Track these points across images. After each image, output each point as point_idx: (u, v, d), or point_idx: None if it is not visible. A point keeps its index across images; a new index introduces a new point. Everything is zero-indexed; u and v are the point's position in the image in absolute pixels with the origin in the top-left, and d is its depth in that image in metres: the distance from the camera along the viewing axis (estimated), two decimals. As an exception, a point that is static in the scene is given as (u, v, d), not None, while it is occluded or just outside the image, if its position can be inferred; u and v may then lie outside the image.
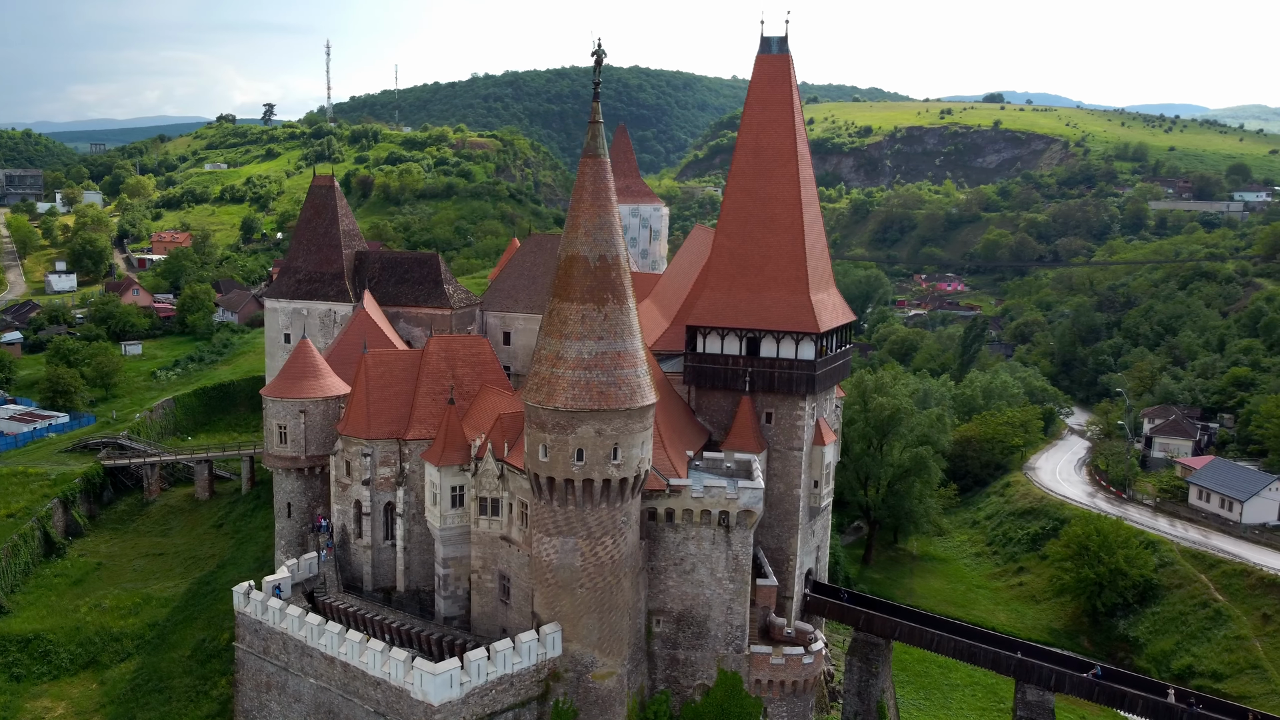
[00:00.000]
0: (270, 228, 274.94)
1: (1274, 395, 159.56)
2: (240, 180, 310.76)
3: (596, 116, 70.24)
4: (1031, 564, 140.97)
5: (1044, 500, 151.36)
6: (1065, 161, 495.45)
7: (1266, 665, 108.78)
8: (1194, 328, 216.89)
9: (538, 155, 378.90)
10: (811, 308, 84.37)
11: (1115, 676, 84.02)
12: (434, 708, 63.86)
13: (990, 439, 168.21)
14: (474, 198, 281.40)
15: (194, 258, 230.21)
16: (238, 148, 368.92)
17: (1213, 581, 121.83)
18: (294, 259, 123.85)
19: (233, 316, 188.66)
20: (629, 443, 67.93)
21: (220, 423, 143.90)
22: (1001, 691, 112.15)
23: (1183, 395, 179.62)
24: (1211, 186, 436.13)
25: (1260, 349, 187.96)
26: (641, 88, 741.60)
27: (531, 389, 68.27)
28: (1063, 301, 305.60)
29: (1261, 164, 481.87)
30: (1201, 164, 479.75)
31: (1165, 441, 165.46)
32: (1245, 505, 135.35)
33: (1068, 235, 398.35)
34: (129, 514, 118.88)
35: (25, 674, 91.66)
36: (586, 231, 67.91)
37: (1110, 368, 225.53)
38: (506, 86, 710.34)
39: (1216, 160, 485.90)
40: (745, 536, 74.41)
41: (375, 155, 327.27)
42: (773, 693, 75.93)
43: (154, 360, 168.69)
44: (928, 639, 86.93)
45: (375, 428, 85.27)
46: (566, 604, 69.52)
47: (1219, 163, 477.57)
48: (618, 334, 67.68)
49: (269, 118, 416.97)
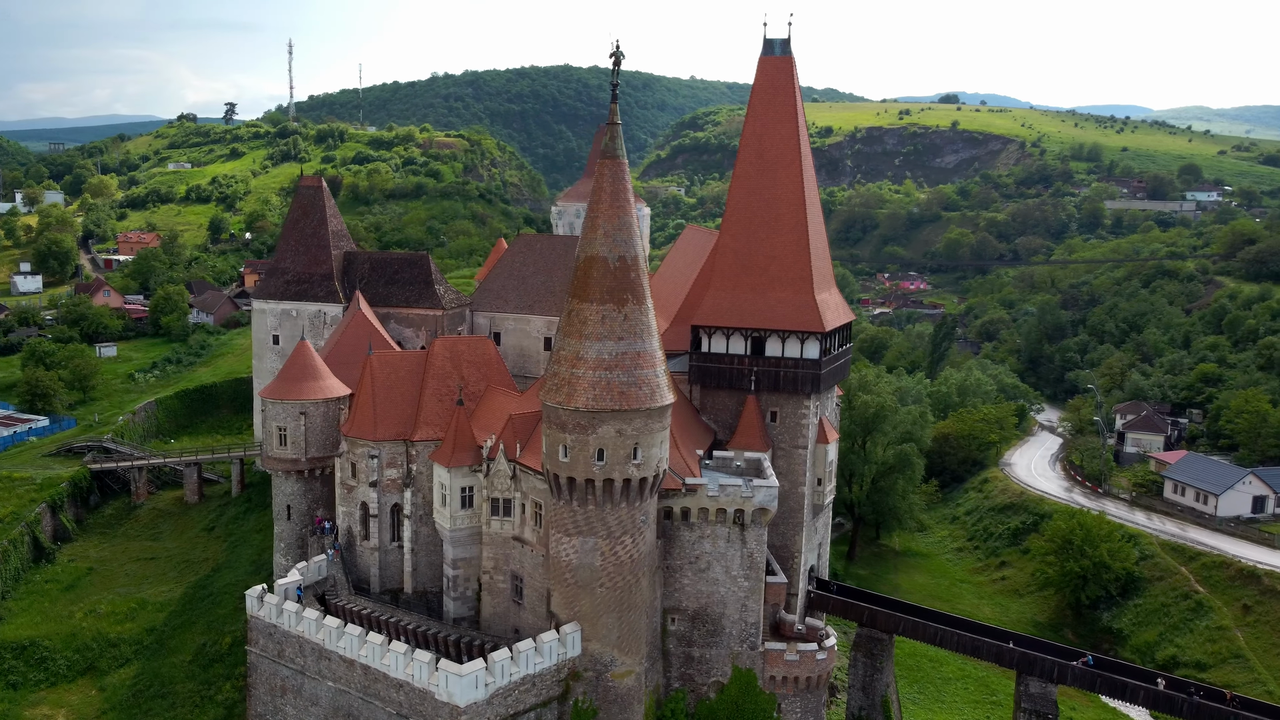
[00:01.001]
0: (238, 228, 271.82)
1: (1243, 391, 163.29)
2: (205, 180, 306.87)
3: (615, 118, 70.54)
4: (1013, 558, 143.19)
5: (1023, 495, 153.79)
6: (1022, 162, 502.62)
7: (1249, 655, 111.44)
8: (1158, 325, 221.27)
9: (504, 155, 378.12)
10: (816, 307, 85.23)
11: (1112, 667, 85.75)
12: (460, 709, 63.81)
13: (967, 435, 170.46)
14: (444, 198, 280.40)
15: (163, 258, 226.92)
16: (200, 147, 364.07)
17: (1193, 574, 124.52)
18: (281, 259, 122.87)
19: (208, 318, 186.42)
20: (649, 442, 68.34)
21: (202, 425, 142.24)
22: (993, 684, 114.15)
23: (1152, 391, 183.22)
24: (1164, 186, 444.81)
25: (1226, 346, 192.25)
26: (601, 88, 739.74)
27: (551, 389, 68.42)
28: (1025, 300, 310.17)
29: (1211, 164, 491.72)
30: (1154, 164, 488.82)
31: (1137, 437, 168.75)
32: (1220, 499, 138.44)
33: (1027, 234, 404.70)
34: (116, 518, 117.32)
35: (22, 681, 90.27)
36: (606, 233, 68.18)
37: (1077, 365, 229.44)
38: (467, 86, 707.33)
39: (1168, 160, 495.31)
40: (760, 534, 75.11)
41: (342, 155, 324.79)
42: (787, 689, 76.69)
43: (129, 362, 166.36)
44: (931, 633, 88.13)
45: (382, 429, 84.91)
46: (586, 603, 69.75)
47: (1170, 163, 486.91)
48: (638, 334, 68.05)
49: (230, 117, 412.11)
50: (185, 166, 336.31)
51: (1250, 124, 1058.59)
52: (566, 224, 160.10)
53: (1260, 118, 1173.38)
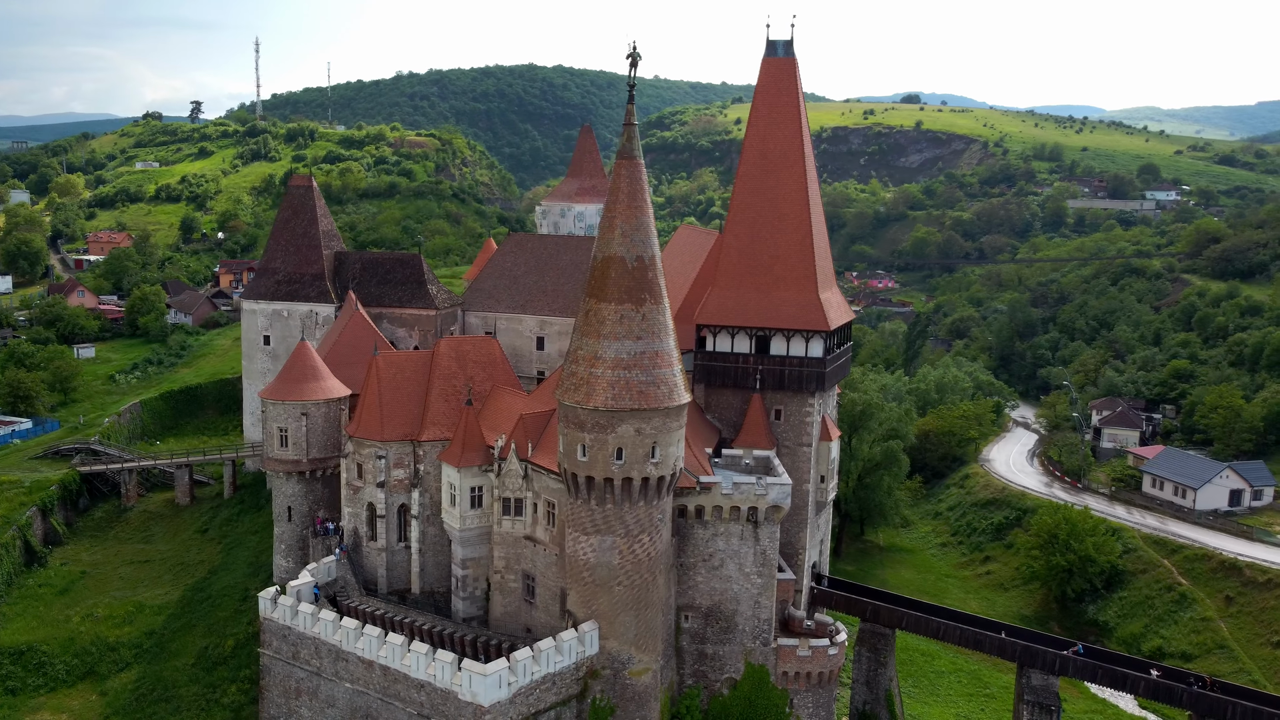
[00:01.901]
0: (210, 228, 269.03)
1: (1216, 387, 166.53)
2: (175, 179, 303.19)
3: (631, 119, 70.76)
4: (997, 553, 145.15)
5: (1005, 491, 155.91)
6: (985, 161, 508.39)
7: (1233, 645, 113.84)
8: (1128, 322, 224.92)
9: (474, 155, 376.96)
10: (821, 306, 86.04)
11: (1107, 657, 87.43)
12: (484, 709, 63.97)
13: (947, 432, 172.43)
14: (417, 197, 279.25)
15: (136, 258, 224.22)
16: (168, 146, 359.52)
17: (1175, 566, 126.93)
18: (271, 260, 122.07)
19: (186, 318, 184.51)
20: (666, 441, 68.85)
21: (187, 426, 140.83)
22: (985, 677, 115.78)
23: (1126, 388, 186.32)
24: (1125, 186, 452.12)
25: (1197, 343, 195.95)
26: (566, 87, 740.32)
27: (569, 389, 68.70)
28: (994, 298, 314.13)
29: (1168, 164, 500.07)
30: (1113, 164, 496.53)
31: (1114, 432, 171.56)
32: (1199, 492, 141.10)
33: (992, 233, 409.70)
34: (107, 521, 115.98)
35: (21, 687, 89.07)
36: (624, 233, 68.57)
37: (1048, 361, 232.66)
38: (432, 85, 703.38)
39: (1126, 160, 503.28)
40: (772, 531, 75.87)
41: (313, 154, 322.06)
42: (799, 684, 77.49)
43: (109, 364, 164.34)
44: (934, 628, 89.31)
45: (389, 430, 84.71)
46: (604, 602, 70.09)
47: (1129, 163, 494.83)
48: (656, 334, 68.53)
49: (196, 115, 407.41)
50: (153, 165, 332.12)
51: (1200, 124, 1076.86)
52: (551, 223, 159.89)
53: (1209, 118, 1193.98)
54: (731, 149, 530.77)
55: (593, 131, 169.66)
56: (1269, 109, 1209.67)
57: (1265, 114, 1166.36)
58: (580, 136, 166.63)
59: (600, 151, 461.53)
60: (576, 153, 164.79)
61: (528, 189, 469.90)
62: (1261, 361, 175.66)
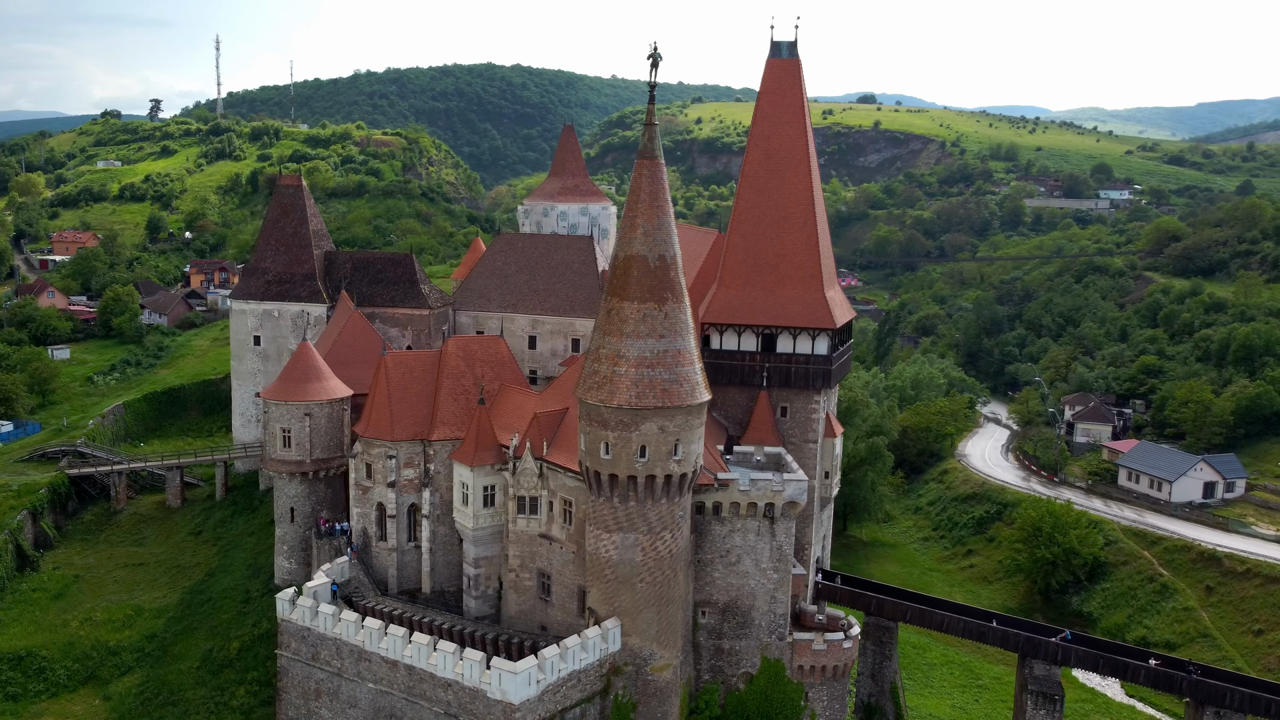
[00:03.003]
0: (177, 227, 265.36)
1: (1186, 382, 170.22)
2: (139, 178, 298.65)
3: (652, 119, 71.42)
4: (979, 546, 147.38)
5: (984, 485, 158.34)
6: (943, 161, 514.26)
7: (1215, 634, 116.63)
8: (1094, 319, 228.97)
9: (439, 154, 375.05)
10: (827, 304, 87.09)
11: (1116, 649, 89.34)
12: (514, 706, 64.23)
13: (924, 428, 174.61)
14: (387, 196, 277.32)
15: (104, 258, 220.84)
16: (129, 144, 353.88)
17: (1156, 557, 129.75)
18: (261, 260, 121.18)
19: (161, 319, 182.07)
20: (689, 438, 69.53)
21: (171, 428, 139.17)
22: (977, 669, 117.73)
23: (1097, 383, 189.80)
24: (1079, 185, 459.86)
25: (1164, 339, 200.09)
26: (525, 86, 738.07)
27: (592, 387, 69.06)
28: (957, 295, 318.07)
29: (1120, 164, 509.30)
30: (1066, 163, 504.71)
31: (1087, 427, 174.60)
32: (1174, 485, 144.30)
33: (952, 231, 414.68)
34: (97, 524, 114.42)
35: (22, 692, 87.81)
36: (645, 232, 69.07)
37: (1016, 358, 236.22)
38: (391, 84, 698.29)
39: (1080, 160, 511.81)
40: (789, 527, 76.76)
41: (278, 153, 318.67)
42: (814, 678, 78.46)
43: (84, 365, 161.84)
44: (937, 620, 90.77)
45: (399, 430, 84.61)
46: (626, 599, 70.58)
47: (1082, 162, 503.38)
48: (678, 332, 69.14)
49: (155, 113, 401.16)
50: (115, 164, 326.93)
51: (1143, 124, 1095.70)
52: (533, 223, 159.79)
53: (1152, 119, 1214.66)
54: (693, 148, 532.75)
55: (574, 131, 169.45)
56: (1208, 109, 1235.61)
57: (1205, 114, 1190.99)
58: (562, 136, 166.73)
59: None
60: (559, 152, 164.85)
61: (489, 188, 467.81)
62: (1228, 357, 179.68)
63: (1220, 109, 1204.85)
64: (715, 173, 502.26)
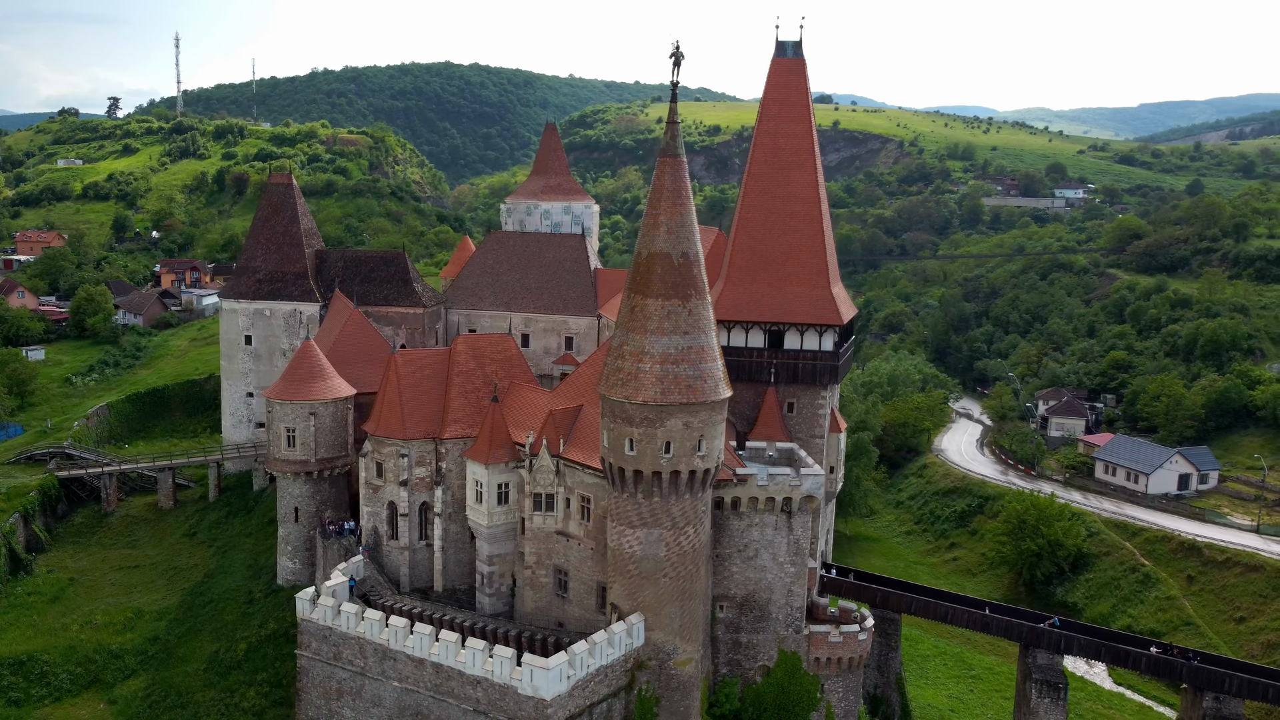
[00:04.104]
0: (144, 226, 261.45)
1: (1158, 376, 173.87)
2: (102, 177, 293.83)
3: (674, 117, 71.86)
4: (962, 540, 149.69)
5: (965, 480, 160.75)
6: (901, 160, 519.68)
7: (1198, 621, 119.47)
8: (1061, 316, 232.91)
9: (405, 152, 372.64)
10: (834, 300, 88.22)
11: (1117, 637, 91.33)
12: (546, 702, 64.42)
13: (902, 424, 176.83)
14: (356, 195, 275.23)
15: (71, 258, 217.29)
16: (89, 143, 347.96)
17: (1137, 548, 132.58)
18: (251, 259, 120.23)
19: (136, 319, 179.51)
20: (712, 434, 70.07)
21: (155, 429, 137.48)
22: (969, 659, 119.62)
23: (1069, 378, 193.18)
24: (1035, 184, 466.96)
25: (1132, 334, 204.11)
26: (483, 85, 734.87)
27: (615, 384, 69.36)
28: (922, 293, 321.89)
29: (1073, 163, 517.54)
30: (1021, 163, 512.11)
31: (1061, 421, 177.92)
32: (1150, 477, 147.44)
33: (913, 230, 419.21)
34: (88, 527, 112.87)
35: (24, 698, 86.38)
36: (669, 229, 69.52)
37: (985, 354, 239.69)
38: (349, 82, 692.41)
39: (1033, 159, 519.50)
40: (805, 521, 77.58)
41: (244, 151, 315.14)
42: (829, 670, 79.43)
43: (61, 366, 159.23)
44: (942, 611, 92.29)
45: (411, 428, 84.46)
46: (650, 594, 71.00)
47: (1036, 161, 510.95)
48: (701, 329, 69.66)
49: (114, 111, 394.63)
50: (76, 163, 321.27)
51: (1087, 124, 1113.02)
52: (516, 221, 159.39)
53: (1096, 119, 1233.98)
54: (654, 148, 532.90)
55: (556, 130, 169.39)
56: (1150, 110, 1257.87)
57: (1147, 115, 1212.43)
58: (545, 135, 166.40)
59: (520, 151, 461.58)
60: (541, 151, 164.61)
61: (452, 187, 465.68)
62: (1196, 351, 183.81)
63: (1162, 110, 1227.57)
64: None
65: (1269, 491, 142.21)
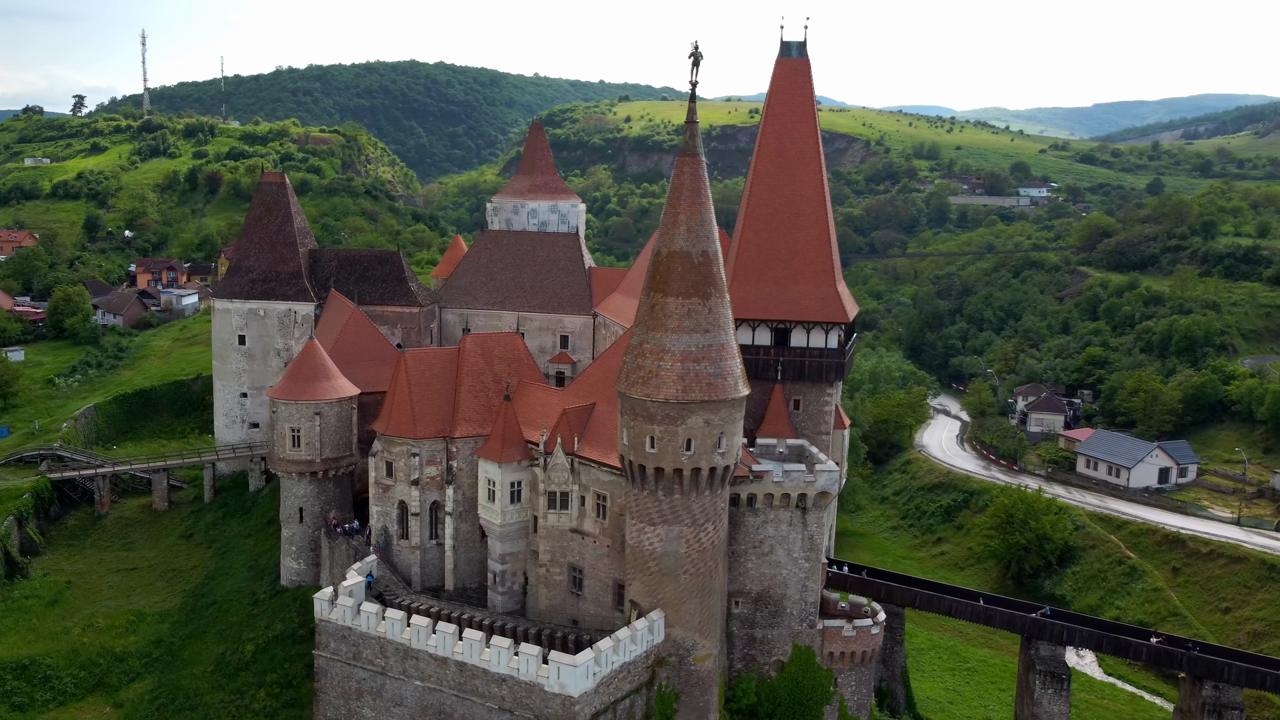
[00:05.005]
0: (116, 226, 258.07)
1: (1136, 372, 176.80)
2: (71, 175, 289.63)
3: (693, 116, 72.10)
4: (949, 534, 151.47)
5: (949, 475, 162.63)
6: (868, 159, 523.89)
7: (1185, 613, 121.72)
8: (1035, 313, 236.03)
9: (376, 151, 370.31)
10: (840, 299, 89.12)
11: (1117, 628, 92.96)
12: (574, 699, 64.72)
13: (885, 420, 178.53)
14: (331, 194, 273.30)
15: (44, 257, 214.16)
16: (56, 141, 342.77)
17: (1123, 541, 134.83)
18: (244, 258, 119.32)
19: (116, 319, 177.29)
20: (731, 431, 70.63)
21: (143, 430, 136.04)
22: (962, 652, 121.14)
23: (1046, 374, 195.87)
24: (1000, 183, 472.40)
25: (1107, 331, 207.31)
26: (450, 84, 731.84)
27: (635, 382, 69.72)
28: (893, 290, 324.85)
29: (1035, 162, 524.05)
30: (986, 162, 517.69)
31: (1040, 416, 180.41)
32: (1132, 471, 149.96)
33: (881, 228, 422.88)
34: (81, 529, 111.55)
35: (28, 702, 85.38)
36: (689, 229, 69.92)
37: (959, 351, 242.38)
38: (314, 81, 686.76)
39: (997, 159, 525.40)
40: (819, 517, 78.39)
41: (215, 150, 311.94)
42: (842, 664, 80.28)
43: (41, 367, 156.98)
44: (946, 605, 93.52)
45: (422, 427, 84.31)
46: (670, 591, 71.47)
47: (1000, 161, 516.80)
48: (721, 327, 70.17)
49: (78, 109, 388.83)
50: (44, 162, 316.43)
51: (1043, 124, 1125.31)
52: (503, 220, 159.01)
53: (1051, 119, 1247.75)
54: (623, 146, 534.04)
55: (542, 129, 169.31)
56: (1104, 110, 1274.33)
57: (1101, 115, 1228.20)
58: (531, 134, 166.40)
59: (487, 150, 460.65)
60: (527, 149, 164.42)
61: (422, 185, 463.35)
62: (1170, 348, 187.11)
63: (1115, 109, 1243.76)
64: (647, 170, 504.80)
65: (1248, 484, 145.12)
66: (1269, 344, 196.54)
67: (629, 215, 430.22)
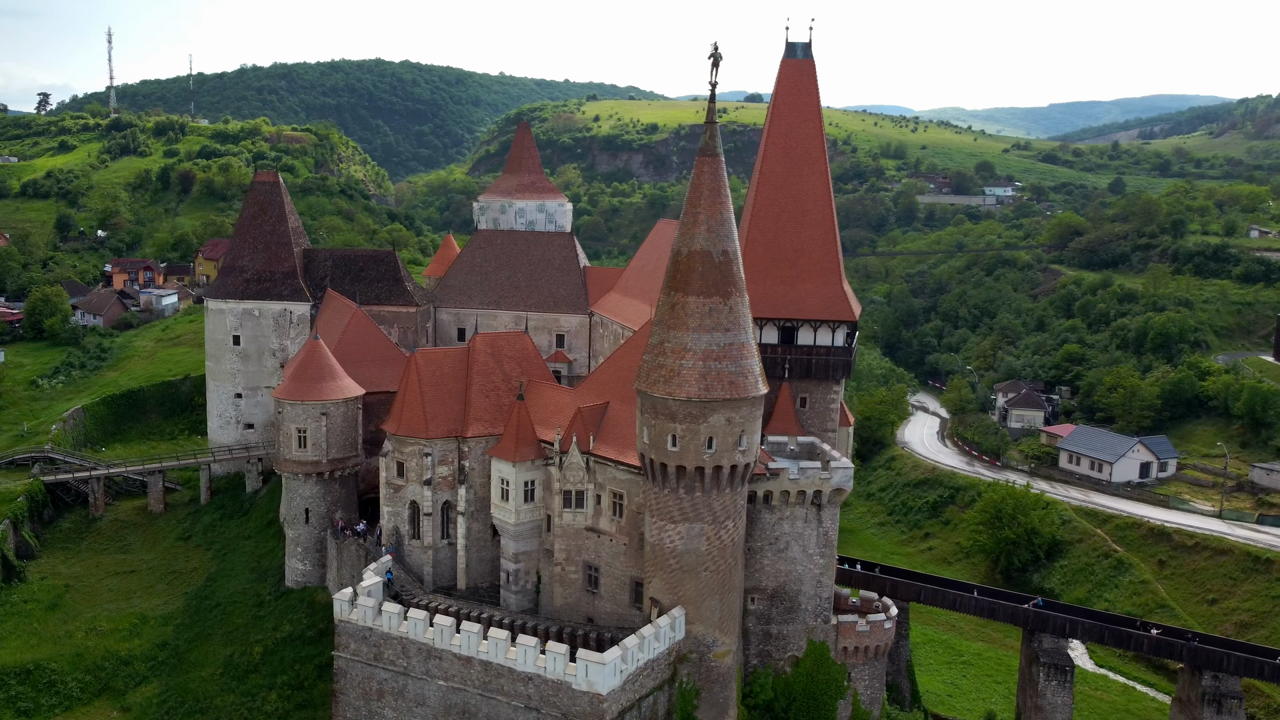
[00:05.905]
0: (88, 225, 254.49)
1: (1114, 368, 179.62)
2: (40, 174, 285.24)
3: (712, 116, 72.54)
4: (936, 529, 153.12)
5: (934, 471, 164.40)
6: (836, 159, 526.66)
7: (1173, 605, 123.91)
8: (1010, 310, 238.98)
9: (348, 150, 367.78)
10: (846, 297, 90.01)
11: (1116, 620, 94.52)
12: (602, 697, 64.97)
13: (869, 417, 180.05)
14: (306, 193, 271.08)
15: (18, 257, 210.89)
16: (22, 140, 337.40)
17: (1109, 535, 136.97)
18: (238, 258, 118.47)
19: (96, 320, 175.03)
20: (751, 429, 71.20)
21: (131, 431, 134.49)
22: (957, 646, 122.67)
23: (1024, 371, 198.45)
24: (966, 182, 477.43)
25: (1083, 328, 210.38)
26: (416, 83, 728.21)
27: (656, 381, 70.09)
28: (865, 289, 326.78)
29: (999, 162, 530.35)
30: (951, 161, 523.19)
31: (1020, 413, 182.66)
32: (1115, 466, 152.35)
33: (851, 227, 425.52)
34: (76, 532, 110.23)
35: (34, 707, 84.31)
36: (709, 228, 70.38)
37: (935, 348, 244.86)
38: (280, 79, 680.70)
39: (962, 158, 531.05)
40: (833, 513, 79.24)
41: (186, 149, 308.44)
42: (856, 659, 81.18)
43: (23, 368, 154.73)
44: (949, 599, 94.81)
45: (434, 427, 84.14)
46: (690, 588, 71.93)
47: (965, 160, 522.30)
48: (741, 326, 70.70)
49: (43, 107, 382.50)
50: (11, 160, 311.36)
51: (1001, 124, 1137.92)
52: (490, 219, 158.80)
53: (1008, 119, 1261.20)
54: (593, 145, 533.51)
55: (529, 129, 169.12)
56: (1060, 110, 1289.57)
57: (1057, 115, 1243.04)
58: (518, 133, 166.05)
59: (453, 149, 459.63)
60: (514, 149, 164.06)
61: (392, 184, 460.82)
62: (1146, 344, 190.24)
63: (1071, 109, 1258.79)
64: (616, 169, 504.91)
65: (1228, 478, 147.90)
66: (1240, 340, 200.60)
67: (600, 214, 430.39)
